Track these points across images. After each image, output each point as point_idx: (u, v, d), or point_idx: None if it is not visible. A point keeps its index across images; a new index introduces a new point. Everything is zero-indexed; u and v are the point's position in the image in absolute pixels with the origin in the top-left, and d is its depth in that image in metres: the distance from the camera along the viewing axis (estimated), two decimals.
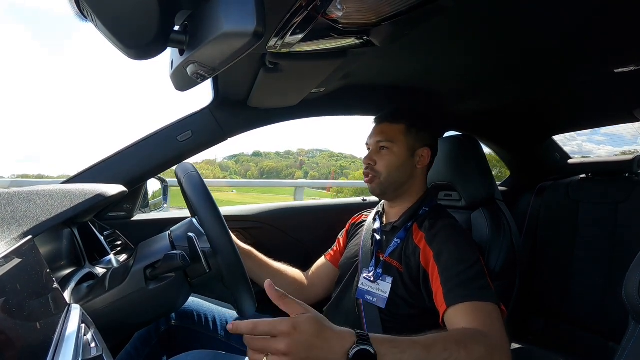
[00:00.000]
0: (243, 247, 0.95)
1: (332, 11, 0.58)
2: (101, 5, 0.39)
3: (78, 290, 0.63)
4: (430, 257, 0.77)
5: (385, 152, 0.89)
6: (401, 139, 0.89)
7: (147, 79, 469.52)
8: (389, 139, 0.89)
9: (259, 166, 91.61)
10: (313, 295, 1.01)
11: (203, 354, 0.68)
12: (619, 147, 6.69)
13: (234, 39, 0.42)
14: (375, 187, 0.91)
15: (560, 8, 0.64)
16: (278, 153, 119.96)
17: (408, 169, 0.90)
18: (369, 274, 0.86)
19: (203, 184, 0.63)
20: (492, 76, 1.02)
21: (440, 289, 0.72)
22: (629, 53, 0.82)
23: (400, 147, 0.89)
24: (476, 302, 0.67)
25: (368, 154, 0.92)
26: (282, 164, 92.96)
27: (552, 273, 1.36)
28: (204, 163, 79.06)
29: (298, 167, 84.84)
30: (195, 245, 0.61)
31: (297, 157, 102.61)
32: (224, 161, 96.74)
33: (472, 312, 0.66)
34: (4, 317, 0.35)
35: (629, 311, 0.44)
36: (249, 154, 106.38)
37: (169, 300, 0.65)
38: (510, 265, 0.87)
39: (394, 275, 0.82)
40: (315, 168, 73.88)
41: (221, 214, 0.62)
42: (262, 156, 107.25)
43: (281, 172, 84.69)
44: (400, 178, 0.89)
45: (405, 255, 0.82)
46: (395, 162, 0.88)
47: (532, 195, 1.51)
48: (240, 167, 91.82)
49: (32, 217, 0.52)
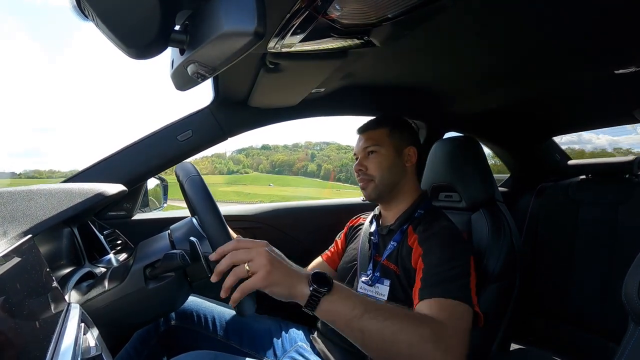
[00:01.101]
0: None
1: (332, 11, 0.58)
2: (102, 5, 0.39)
3: (78, 290, 0.63)
4: (419, 256, 0.78)
5: (373, 155, 0.92)
6: (387, 141, 0.92)
7: (146, 77, 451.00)
8: (375, 143, 0.92)
9: (270, 159, 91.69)
10: None
11: (202, 354, 0.68)
12: (618, 136, 6.68)
13: (235, 39, 0.42)
14: (370, 192, 0.92)
15: (561, 9, 0.64)
16: (286, 146, 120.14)
17: (399, 169, 0.92)
18: (366, 277, 0.86)
19: (205, 187, 0.63)
20: (492, 76, 1.02)
21: (418, 285, 0.73)
22: (629, 54, 0.82)
23: (388, 148, 0.91)
24: (446, 299, 0.67)
25: (357, 162, 0.94)
26: (293, 157, 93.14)
27: (552, 274, 1.36)
28: (214, 157, 78.65)
29: (309, 159, 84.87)
30: (198, 251, 0.61)
31: (305, 149, 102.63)
32: (234, 155, 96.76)
33: (437, 307, 0.67)
34: (3, 316, 0.35)
35: (629, 313, 0.44)
36: (258, 147, 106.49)
37: (168, 300, 0.65)
38: (510, 266, 0.87)
39: (391, 278, 0.82)
40: (327, 160, 73.94)
41: (223, 219, 0.61)
42: (271, 149, 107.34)
43: (293, 164, 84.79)
44: (393, 178, 0.91)
45: (401, 257, 0.83)
46: (385, 162, 0.90)
47: (532, 196, 1.51)
48: (251, 161, 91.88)
49: (32, 216, 0.52)
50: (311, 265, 1.08)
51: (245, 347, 0.88)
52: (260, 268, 0.53)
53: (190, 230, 0.69)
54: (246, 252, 0.54)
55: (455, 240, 0.79)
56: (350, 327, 0.56)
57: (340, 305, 0.55)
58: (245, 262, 0.54)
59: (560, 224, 1.37)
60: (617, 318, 1.15)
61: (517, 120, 1.44)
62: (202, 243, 0.63)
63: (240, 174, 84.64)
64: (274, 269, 0.53)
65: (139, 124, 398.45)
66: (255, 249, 0.55)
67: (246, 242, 0.56)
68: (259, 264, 0.53)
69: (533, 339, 1.38)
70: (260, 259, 0.53)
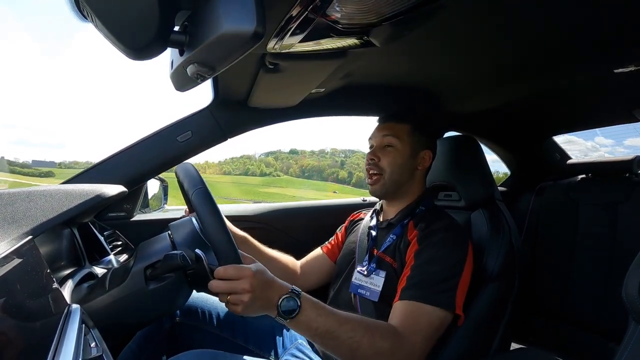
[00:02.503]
0: (238, 233, 0.96)
1: (331, 12, 0.58)
2: (101, 6, 0.39)
3: (78, 291, 0.63)
4: (413, 252, 0.80)
5: (390, 149, 0.91)
6: (406, 139, 0.91)
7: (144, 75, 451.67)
8: (395, 136, 0.90)
9: (299, 164, 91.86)
10: (304, 285, 1.02)
11: (202, 353, 0.68)
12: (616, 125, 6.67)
13: (234, 40, 0.42)
14: (377, 188, 0.92)
15: (560, 8, 0.64)
16: (313, 151, 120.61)
17: (409, 170, 0.92)
18: (362, 268, 0.87)
19: (212, 201, 0.62)
20: (491, 76, 1.02)
21: (403, 282, 0.76)
22: (628, 53, 0.82)
23: (405, 146, 0.90)
24: (421, 304, 0.71)
25: (372, 150, 0.93)
26: (323, 163, 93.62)
27: (552, 273, 1.36)
28: (243, 158, 78.06)
29: (339, 166, 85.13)
30: (205, 266, 0.61)
31: (332, 156, 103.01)
32: (263, 157, 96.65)
33: (408, 312, 0.71)
34: (4, 317, 0.35)
35: (629, 311, 0.44)
36: (286, 151, 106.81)
37: (169, 300, 0.65)
38: (509, 266, 0.87)
39: (387, 270, 0.84)
40: (356, 168, 74.39)
41: (231, 234, 0.61)
42: (299, 154, 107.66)
43: (323, 171, 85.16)
44: (402, 178, 0.91)
45: (399, 251, 0.84)
46: (399, 160, 0.90)
47: (532, 195, 1.51)
48: (281, 164, 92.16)
49: (32, 217, 0.52)
50: (310, 256, 1.09)
51: (251, 344, 0.89)
52: (238, 302, 0.59)
53: (192, 234, 0.68)
54: (228, 285, 0.59)
55: (451, 241, 0.79)
56: (314, 341, 0.66)
57: (302, 330, 0.64)
58: (226, 294, 0.60)
59: (560, 223, 1.37)
60: (617, 317, 1.15)
61: (517, 119, 1.44)
62: (207, 253, 0.63)
63: (273, 177, 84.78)
64: (250, 303, 0.59)
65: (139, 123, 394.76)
66: (241, 280, 0.59)
67: (232, 270, 0.59)
68: (237, 299, 0.59)
69: (533, 339, 1.38)
70: (240, 296, 0.59)
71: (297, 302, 0.62)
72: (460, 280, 0.75)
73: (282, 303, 0.61)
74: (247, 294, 0.59)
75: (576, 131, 1.56)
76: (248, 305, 0.59)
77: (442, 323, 0.72)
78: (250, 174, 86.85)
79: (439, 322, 0.72)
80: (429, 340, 0.70)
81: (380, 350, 0.64)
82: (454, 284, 0.74)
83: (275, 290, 0.62)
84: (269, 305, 0.61)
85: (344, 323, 0.64)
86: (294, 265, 1.05)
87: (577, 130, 1.54)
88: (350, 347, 0.63)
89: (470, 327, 0.80)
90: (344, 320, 0.65)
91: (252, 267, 0.61)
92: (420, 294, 0.72)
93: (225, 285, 0.59)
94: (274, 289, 0.62)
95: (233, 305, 0.60)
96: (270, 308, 0.62)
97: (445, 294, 0.73)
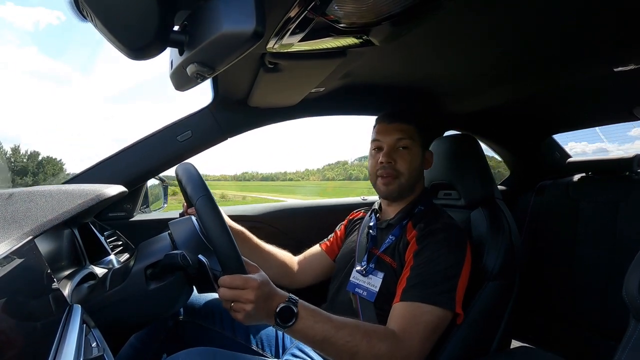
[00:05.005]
0: (235, 227, 0.95)
1: (331, 12, 0.58)
2: (100, 6, 0.39)
3: (79, 290, 0.63)
4: (412, 252, 0.79)
5: (405, 151, 0.87)
6: (417, 140, 0.89)
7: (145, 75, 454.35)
8: (410, 137, 0.88)
9: None
10: (300, 281, 1.03)
11: (201, 351, 0.68)
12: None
13: (234, 39, 0.42)
14: (394, 189, 0.88)
15: (560, 7, 0.64)
16: None
17: (420, 171, 0.92)
18: (361, 267, 0.87)
19: (217, 209, 0.61)
20: (491, 75, 1.02)
21: (403, 283, 0.76)
22: (628, 52, 0.82)
23: (417, 147, 0.89)
24: (420, 304, 0.71)
25: (385, 152, 0.87)
26: None
27: (552, 272, 1.36)
28: (339, 164, 76.81)
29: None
30: (208, 271, 0.61)
31: None
32: (356, 162, 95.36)
33: (407, 313, 0.72)
34: (5, 317, 0.35)
35: (629, 309, 0.44)
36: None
37: (169, 300, 0.65)
38: (509, 265, 0.87)
39: (386, 271, 0.83)
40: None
41: (236, 244, 0.60)
42: None
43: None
44: (415, 180, 0.90)
45: (398, 251, 0.84)
46: (414, 162, 0.88)
47: (532, 194, 1.51)
48: None
49: (32, 217, 0.52)
50: (308, 252, 1.08)
51: (252, 343, 0.89)
52: (241, 310, 0.61)
53: (192, 234, 0.68)
54: (233, 294, 0.60)
55: (449, 241, 0.79)
56: (313, 348, 0.69)
57: (300, 337, 0.65)
58: (230, 302, 0.61)
59: (560, 222, 1.37)
60: (617, 315, 1.15)
61: (517, 118, 1.44)
62: (210, 258, 0.63)
63: None
64: (252, 312, 0.60)
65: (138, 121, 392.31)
66: (246, 290, 0.60)
67: (239, 280, 0.60)
68: (240, 307, 0.60)
69: (533, 337, 1.38)
70: (244, 305, 0.60)
71: (294, 310, 0.63)
72: (460, 279, 0.75)
73: (280, 311, 0.62)
74: (250, 304, 0.60)
75: (576, 130, 1.56)
76: (250, 314, 0.60)
77: (441, 323, 0.72)
78: (354, 179, 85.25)
79: (438, 322, 0.72)
80: (428, 341, 0.70)
81: (379, 353, 0.65)
82: (453, 283, 0.74)
83: (276, 301, 0.63)
84: (269, 314, 0.62)
85: (341, 328, 0.65)
86: (291, 262, 1.04)
87: (577, 128, 1.54)
88: (349, 352, 0.64)
89: (470, 326, 0.80)
90: (341, 325, 0.65)
91: (258, 278, 0.61)
92: (419, 295, 0.72)
93: (230, 293, 0.60)
94: (274, 300, 0.63)
95: (235, 312, 0.61)
96: (269, 317, 0.63)
97: (444, 294, 0.73)
